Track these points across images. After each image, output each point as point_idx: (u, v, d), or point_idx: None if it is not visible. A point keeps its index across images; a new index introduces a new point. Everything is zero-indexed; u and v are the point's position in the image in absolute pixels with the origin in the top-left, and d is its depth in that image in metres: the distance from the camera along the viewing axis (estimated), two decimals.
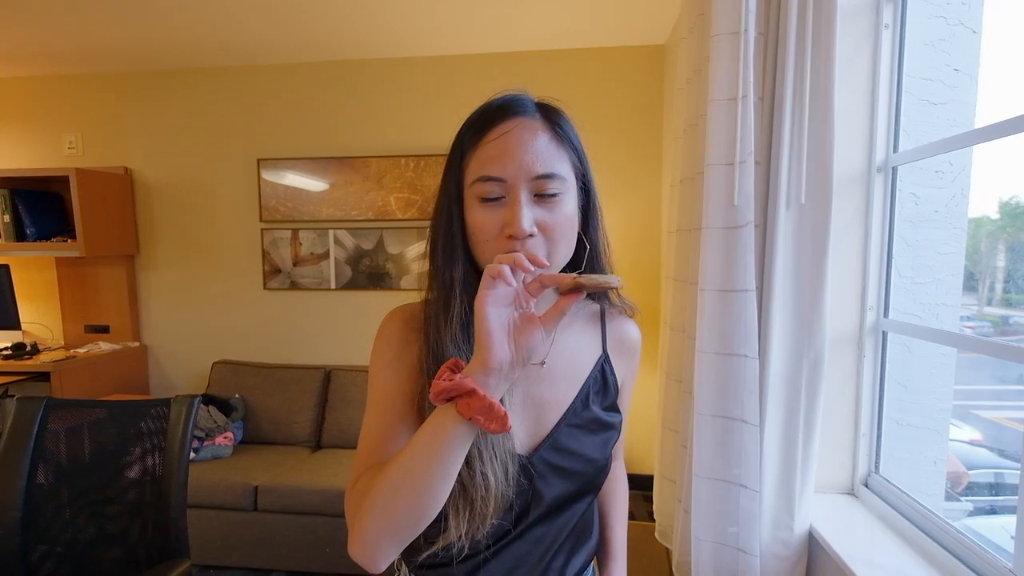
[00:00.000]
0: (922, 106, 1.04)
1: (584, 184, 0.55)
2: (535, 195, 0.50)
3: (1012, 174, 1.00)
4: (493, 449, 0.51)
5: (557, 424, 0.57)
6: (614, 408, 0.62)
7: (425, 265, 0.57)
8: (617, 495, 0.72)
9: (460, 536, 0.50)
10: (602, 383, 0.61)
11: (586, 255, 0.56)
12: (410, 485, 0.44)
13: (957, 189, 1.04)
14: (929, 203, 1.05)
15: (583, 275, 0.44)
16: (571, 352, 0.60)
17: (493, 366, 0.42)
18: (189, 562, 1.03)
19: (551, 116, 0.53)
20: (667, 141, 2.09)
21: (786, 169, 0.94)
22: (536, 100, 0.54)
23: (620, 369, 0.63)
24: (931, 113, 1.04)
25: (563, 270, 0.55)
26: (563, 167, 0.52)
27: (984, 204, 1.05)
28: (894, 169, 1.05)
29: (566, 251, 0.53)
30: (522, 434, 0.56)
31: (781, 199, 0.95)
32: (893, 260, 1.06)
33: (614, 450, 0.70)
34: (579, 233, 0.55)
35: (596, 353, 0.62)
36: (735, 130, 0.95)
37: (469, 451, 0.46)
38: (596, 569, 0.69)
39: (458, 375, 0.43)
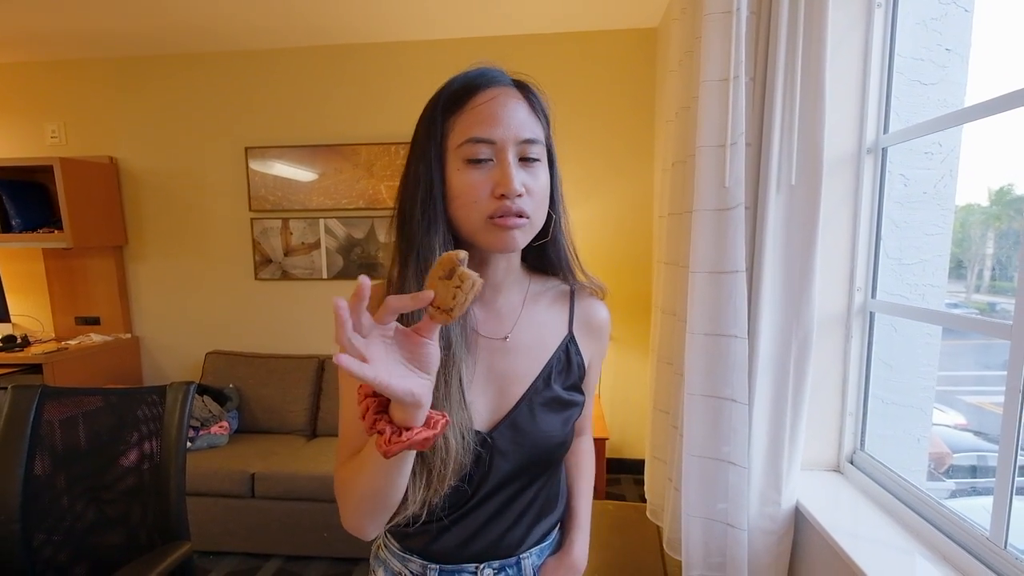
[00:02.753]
0: (913, 86, 1.04)
1: (549, 157, 0.57)
2: (519, 159, 0.52)
3: (1002, 160, 1.00)
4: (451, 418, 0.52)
5: (518, 403, 0.58)
6: (576, 388, 0.63)
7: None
8: (583, 468, 0.73)
9: (416, 502, 0.52)
10: (566, 363, 0.62)
11: (552, 224, 0.58)
12: (368, 487, 0.49)
13: (946, 170, 1.05)
14: (918, 184, 1.06)
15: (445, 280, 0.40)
16: (537, 328, 0.61)
17: (405, 401, 0.41)
18: (190, 544, 1.04)
19: (525, 89, 0.56)
20: (659, 125, 2.08)
21: (777, 150, 0.94)
22: (510, 75, 0.56)
23: (586, 350, 0.64)
24: (921, 94, 1.04)
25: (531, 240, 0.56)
26: (540, 135, 0.54)
27: (974, 191, 1.06)
28: (884, 150, 1.05)
29: (544, 214, 0.55)
30: (483, 408, 0.57)
31: (772, 180, 0.95)
32: (881, 241, 1.07)
33: (581, 425, 0.72)
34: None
35: (562, 333, 0.62)
36: (727, 111, 0.94)
37: None
38: (558, 536, 0.69)
39: (378, 417, 0.42)
